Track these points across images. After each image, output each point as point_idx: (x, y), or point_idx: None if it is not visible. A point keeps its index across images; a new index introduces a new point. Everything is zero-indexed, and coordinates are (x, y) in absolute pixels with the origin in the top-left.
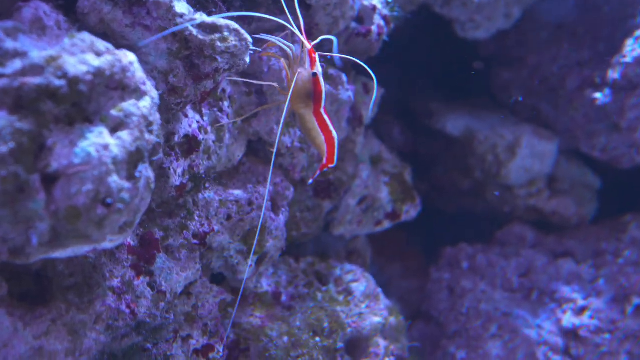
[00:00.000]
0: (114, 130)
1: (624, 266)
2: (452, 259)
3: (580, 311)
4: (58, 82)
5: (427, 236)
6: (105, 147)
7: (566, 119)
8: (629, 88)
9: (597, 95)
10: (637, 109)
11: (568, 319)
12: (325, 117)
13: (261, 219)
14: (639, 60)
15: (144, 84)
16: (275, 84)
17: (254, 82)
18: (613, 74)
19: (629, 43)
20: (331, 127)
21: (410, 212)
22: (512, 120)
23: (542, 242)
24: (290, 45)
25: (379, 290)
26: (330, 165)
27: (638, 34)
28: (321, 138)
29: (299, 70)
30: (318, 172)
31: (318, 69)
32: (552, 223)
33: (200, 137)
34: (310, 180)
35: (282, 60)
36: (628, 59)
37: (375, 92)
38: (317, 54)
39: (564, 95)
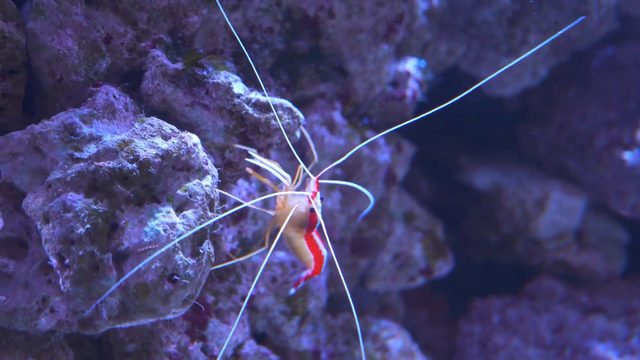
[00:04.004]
0: (179, 209)
1: None
2: (482, 312)
3: None
4: (130, 166)
5: (452, 284)
6: (172, 225)
7: (595, 176)
8: None
9: (627, 156)
10: None
11: None
12: (316, 238)
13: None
14: None
15: (206, 163)
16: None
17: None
18: None
19: None
20: (321, 247)
21: (442, 268)
22: (539, 176)
23: (571, 297)
24: (287, 175)
25: (415, 346)
26: (315, 276)
27: None
28: (309, 256)
29: (295, 206)
30: (302, 283)
31: (317, 202)
32: (581, 277)
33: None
34: (293, 290)
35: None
36: None
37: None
38: (318, 185)
39: (592, 153)
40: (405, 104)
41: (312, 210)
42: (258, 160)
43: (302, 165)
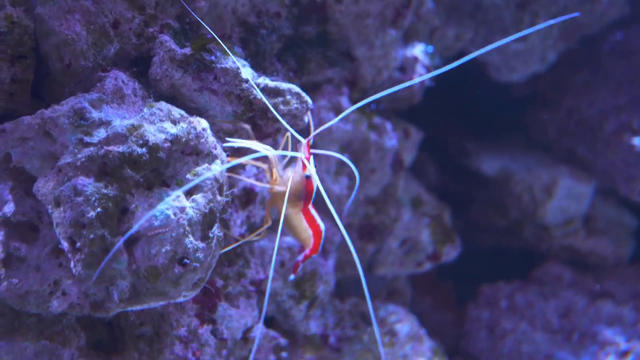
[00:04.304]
0: (189, 193)
1: None
2: (490, 298)
3: (623, 355)
4: (140, 150)
5: (460, 270)
6: (182, 209)
7: (604, 161)
8: None
9: (636, 141)
10: None
11: None
12: (313, 211)
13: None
14: None
15: (215, 147)
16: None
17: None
18: None
19: None
20: (318, 220)
21: (450, 253)
22: (547, 161)
23: (579, 282)
24: (269, 148)
25: (423, 331)
26: (314, 255)
27: None
28: (307, 233)
29: (291, 175)
30: (301, 265)
31: (311, 168)
32: (589, 262)
33: (257, 189)
34: (292, 276)
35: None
36: None
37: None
38: (311, 151)
39: (601, 138)
40: (412, 89)
41: (307, 177)
42: (237, 142)
43: (290, 130)
